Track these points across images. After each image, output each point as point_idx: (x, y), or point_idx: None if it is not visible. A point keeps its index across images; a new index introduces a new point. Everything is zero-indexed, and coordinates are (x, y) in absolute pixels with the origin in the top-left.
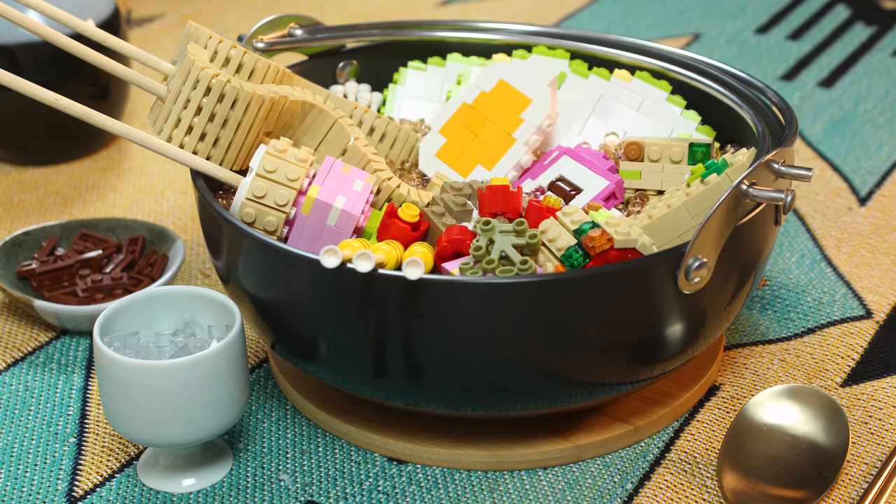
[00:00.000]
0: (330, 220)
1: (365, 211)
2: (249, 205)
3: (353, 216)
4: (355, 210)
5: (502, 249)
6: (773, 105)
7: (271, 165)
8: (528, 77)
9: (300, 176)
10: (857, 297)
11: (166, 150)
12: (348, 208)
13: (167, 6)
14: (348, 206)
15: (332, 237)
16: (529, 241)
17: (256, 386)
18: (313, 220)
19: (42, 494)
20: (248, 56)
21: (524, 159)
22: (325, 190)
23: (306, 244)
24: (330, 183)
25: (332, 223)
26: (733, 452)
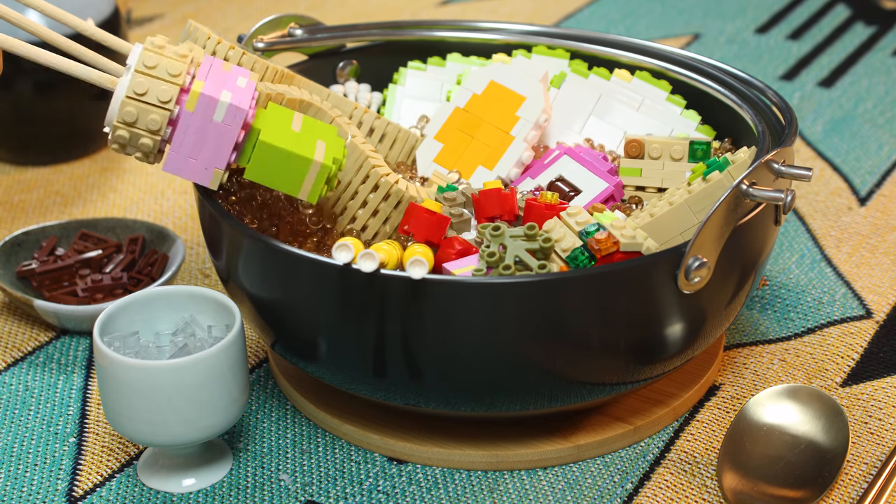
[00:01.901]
0: (217, 116)
1: (252, 106)
2: (130, 103)
3: (241, 110)
4: (243, 104)
5: (516, 255)
6: (773, 105)
7: (151, 61)
8: (518, 75)
9: (182, 72)
10: (857, 297)
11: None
12: (236, 102)
13: (167, 6)
14: (235, 101)
15: (219, 135)
16: (543, 245)
17: (256, 386)
18: (199, 117)
19: (42, 494)
20: (247, 57)
21: (525, 156)
22: (210, 85)
23: (192, 144)
24: (213, 79)
25: (219, 119)
26: (733, 452)
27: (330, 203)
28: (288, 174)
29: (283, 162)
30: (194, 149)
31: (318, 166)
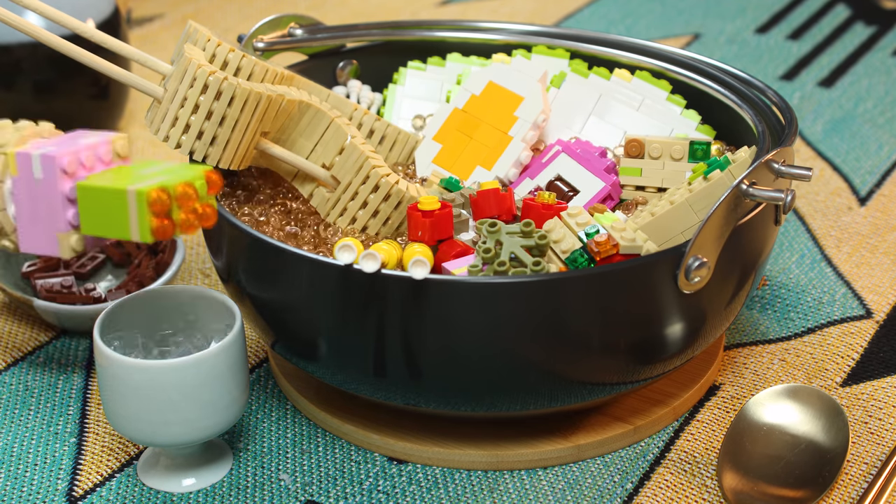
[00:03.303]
0: (36, 173)
1: (85, 158)
2: None
3: (51, 159)
4: (58, 152)
5: (512, 251)
6: (773, 105)
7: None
8: (517, 76)
9: (13, 140)
10: (857, 297)
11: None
12: (48, 152)
13: (167, 6)
14: (49, 151)
15: (45, 194)
16: (539, 242)
17: (256, 386)
18: (24, 182)
19: (42, 494)
20: (246, 59)
21: (523, 156)
22: (35, 145)
23: (30, 213)
24: (50, 142)
25: (38, 176)
26: (733, 452)
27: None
28: (113, 216)
29: (102, 203)
30: (33, 217)
31: (134, 195)
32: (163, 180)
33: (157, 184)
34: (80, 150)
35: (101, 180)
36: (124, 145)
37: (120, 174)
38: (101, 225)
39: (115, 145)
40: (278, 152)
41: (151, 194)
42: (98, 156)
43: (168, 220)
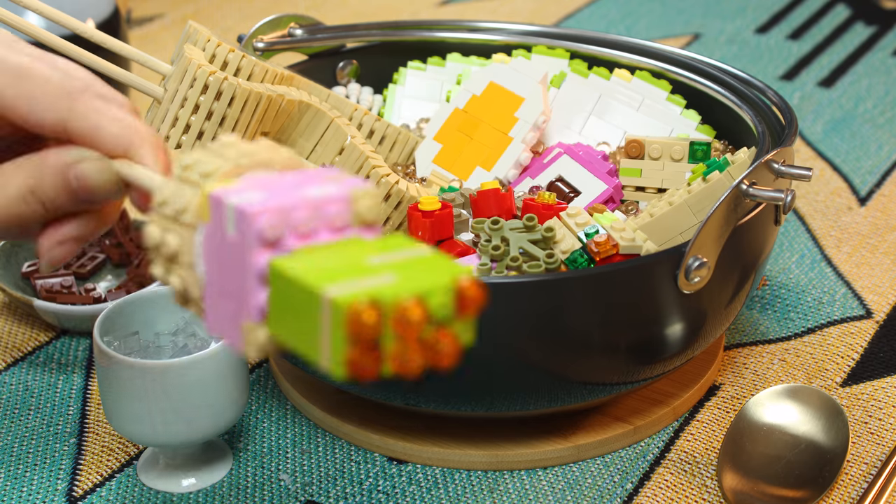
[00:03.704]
0: (228, 227)
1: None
2: (153, 221)
3: (250, 216)
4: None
5: (520, 246)
6: (773, 105)
7: (192, 159)
8: (517, 76)
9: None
10: (857, 297)
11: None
12: (249, 204)
13: (167, 6)
14: (252, 202)
15: (236, 262)
16: (545, 235)
17: (256, 386)
18: (215, 236)
19: (42, 494)
20: (246, 60)
21: (523, 157)
22: (242, 185)
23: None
24: (270, 180)
25: (230, 233)
26: (733, 452)
27: None
28: (302, 324)
29: (292, 300)
30: (221, 286)
31: (329, 306)
32: (386, 283)
33: (370, 289)
34: (299, 205)
35: (302, 263)
36: (372, 206)
37: (338, 256)
38: (289, 329)
39: (357, 204)
40: None
41: (352, 309)
42: (326, 217)
43: (374, 352)
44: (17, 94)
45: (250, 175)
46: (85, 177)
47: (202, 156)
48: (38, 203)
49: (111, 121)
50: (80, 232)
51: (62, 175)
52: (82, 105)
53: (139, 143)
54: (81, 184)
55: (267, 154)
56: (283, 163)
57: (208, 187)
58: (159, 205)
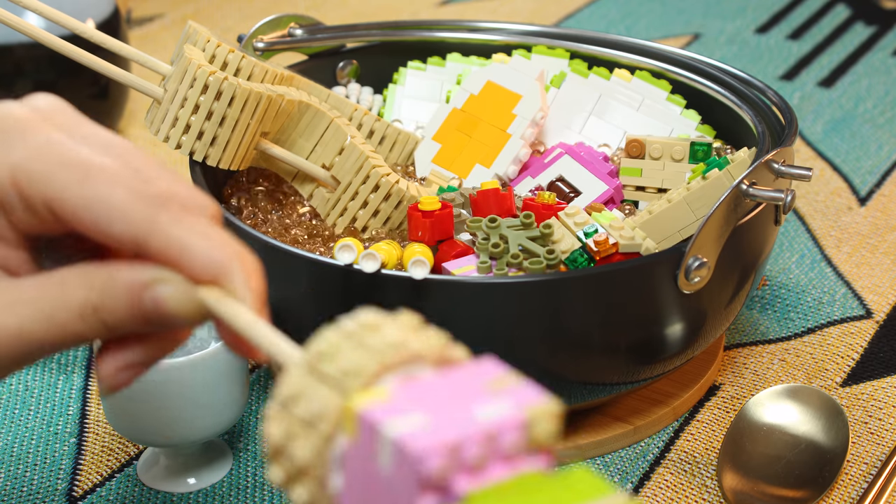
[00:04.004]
0: (381, 461)
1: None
2: (276, 419)
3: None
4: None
5: (519, 243)
6: (773, 105)
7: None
8: (514, 74)
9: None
10: (857, 297)
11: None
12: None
13: (167, 6)
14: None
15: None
16: (544, 232)
17: (256, 386)
18: (363, 462)
19: (42, 494)
20: (246, 60)
21: (522, 153)
22: (397, 398)
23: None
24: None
25: (384, 467)
26: (733, 452)
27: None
28: None
29: None
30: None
31: None
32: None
33: None
34: (470, 436)
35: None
36: (550, 431)
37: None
38: None
39: (533, 430)
40: (278, 153)
41: None
42: (499, 448)
43: None
44: (82, 198)
45: (402, 381)
46: (163, 303)
47: (340, 342)
48: (99, 323)
49: (200, 239)
50: (147, 357)
51: (135, 297)
52: (166, 218)
53: (231, 268)
54: (158, 310)
55: (416, 345)
56: (434, 354)
57: (355, 401)
58: (286, 400)
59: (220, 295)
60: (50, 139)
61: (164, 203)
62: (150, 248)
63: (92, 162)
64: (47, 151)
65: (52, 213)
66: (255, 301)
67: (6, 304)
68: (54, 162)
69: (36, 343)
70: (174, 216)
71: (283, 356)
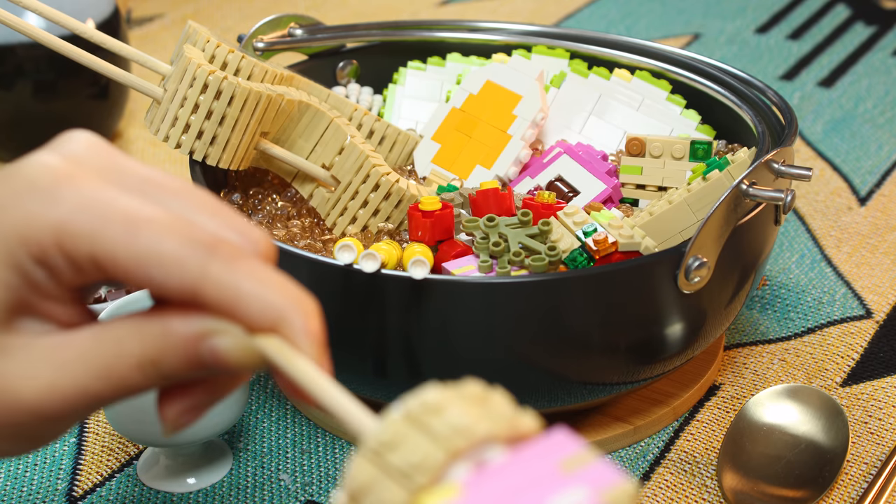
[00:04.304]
0: None
1: None
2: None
3: None
4: None
5: (519, 241)
6: (773, 105)
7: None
8: (514, 74)
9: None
10: (857, 297)
11: None
12: None
13: (167, 6)
14: None
15: None
16: (542, 229)
17: (256, 386)
18: None
19: (42, 494)
20: (246, 61)
21: (522, 154)
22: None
23: None
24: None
25: None
26: (733, 452)
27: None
28: None
29: None
30: None
31: None
32: None
33: None
34: None
35: None
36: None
37: None
38: None
39: None
40: (278, 153)
41: None
42: None
43: None
44: (131, 253)
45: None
46: (221, 354)
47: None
48: (158, 375)
49: (254, 285)
50: (210, 398)
51: (192, 349)
52: (217, 266)
53: (289, 314)
54: (219, 362)
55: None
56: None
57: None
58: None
59: (278, 344)
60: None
61: (215, 249)
62: (204, 298)
63: (137, 213)
64: (89, 206)
65: (99, 269)
66: (315, 348)
67: (64, 362)
68: (98, 217)
69: (96, 398)
70: (225, 263)
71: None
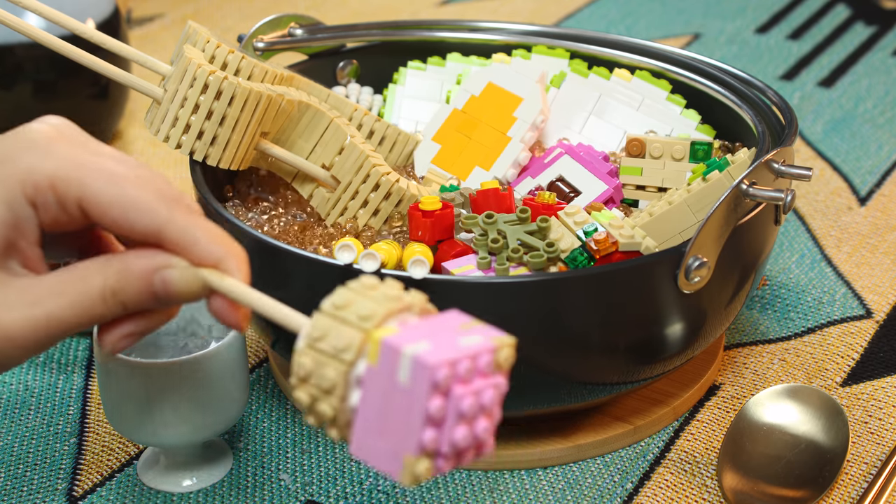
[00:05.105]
0: (401, 376)
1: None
2: (305, 353)
3: (429, 369)
4: (436, 359)
5: (518, 238)
6: (773, 105)
7: (342, 299)
8: (515, 76)
9: (376, 314)
10: (857, 297)
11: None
12: (425, 355)
13: (167, 6)
14: (426, 353)
15: (404, 406)
16: (541, 226)
17: (256, 386)
18: (382, 376)
19: (42, 494)
20: (246, 61)
21: (521, 156)
22: (405, 332)
23: (377, 416)
24: (422, 328)
25: (403, 380)
26: (733, 452)
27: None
28: None
29: None
30: (380, 423)
31: None
32: None
33: None
34: (462, 357)
35: None
36: (510, 356)
37: None
38: None
39: (498, 355)
40: (278, 153)
41: None
42: (478, 366)
43: None
44: (115, 198)
45: (403, 321)
46: (172, 284)
47: (352, 296)
48: (118, 304)
49: (204, 232)
50: (147, 326)
51: (147, 280)
52: (180, 216)
53: (228, 255)
54: (167, 290)
55: (408, 298)
56: (419, 306)
57: (377, 334)
58: (315, 339)
59: (218, 274)
60: (78, 151)
61: (177, 202)
62: (166, 238)
63: (116, 170)
64: (79, 161)
65: (82, 211)
66: (245, 280)
67: (38, 298)
68: (86, 169)
69: (62, 326)
70: (185, 213)
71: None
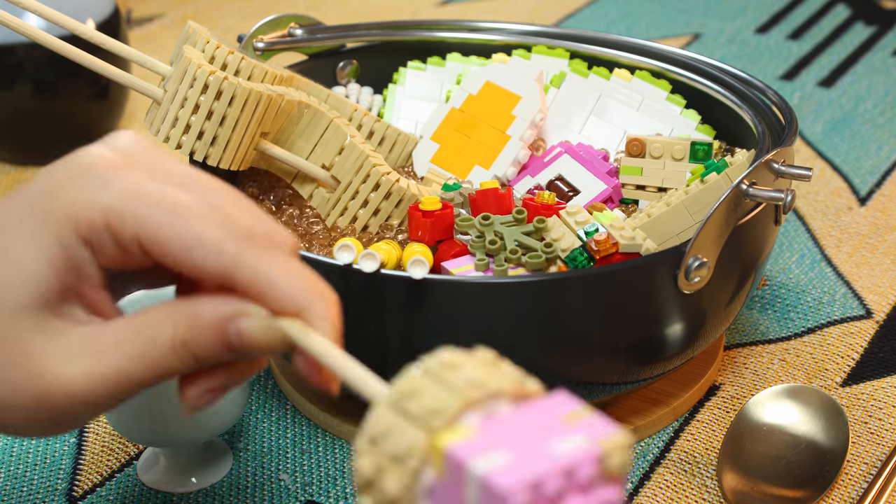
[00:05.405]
0: (468, 496)
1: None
2: (365, 454)
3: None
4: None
5: (516, 239)
6: (773, 105)
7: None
8: (513, 75)
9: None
10: (857, 297)
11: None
12: (498, 475)
13: (167, 6)
14: (500, 472)
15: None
16: (538, 226)
17: (256, 386)
18: (451, 496)
19: (42, 494)
20: (246, 62)
21: (521, 154)
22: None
23: None
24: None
25: (471, 499)
26: (733, 452)
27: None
28: None
29: None
30: None
31: None
32: None
33: None
34: (551, 471)
35: None
36: (624, 464)
37: None
38: None
39: (607, 462)
40: (278, 153)
41: None
42: (575, 480)
43: None
44: (177, 236)
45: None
46: (248, 335)
47: (423, 382)
48: (190, 356)
49: (282, 273)
50: (231, 380)
51: (221, 330)
52: (251, 254)
53: (312, 301)
54: (243, 342)
55: (495, 382)
56: (511, 390)
57: (442, 439)
58: (375, 437)
59: (301, 326)
60: (137, 181)
61: (250, 239)
62: (237, 281)
63: (180, 202)
64: (137, 193)
65: (142, 249)
66: (334, 333)
67: (102, 349)
68: (145, 203)
69: (133, 382)
70: (259, 251)
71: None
